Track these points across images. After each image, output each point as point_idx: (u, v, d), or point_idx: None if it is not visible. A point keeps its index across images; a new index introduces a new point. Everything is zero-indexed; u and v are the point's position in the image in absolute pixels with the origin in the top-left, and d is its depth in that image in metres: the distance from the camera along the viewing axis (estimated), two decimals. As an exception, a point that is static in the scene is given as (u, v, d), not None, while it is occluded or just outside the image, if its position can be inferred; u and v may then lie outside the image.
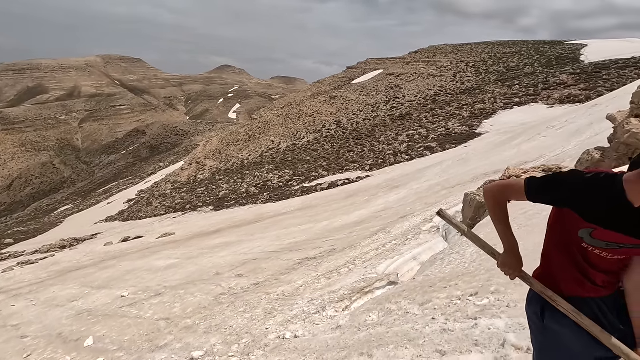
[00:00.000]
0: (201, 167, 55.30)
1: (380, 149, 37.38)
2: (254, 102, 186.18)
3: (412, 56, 75.32)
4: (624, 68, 37.88)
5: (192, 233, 21.57)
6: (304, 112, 64.46)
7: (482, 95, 44.46)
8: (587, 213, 1.24)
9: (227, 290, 8.82)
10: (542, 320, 1.41)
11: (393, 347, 2.59)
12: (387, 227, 11.07)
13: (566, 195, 1.25)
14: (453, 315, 2.94)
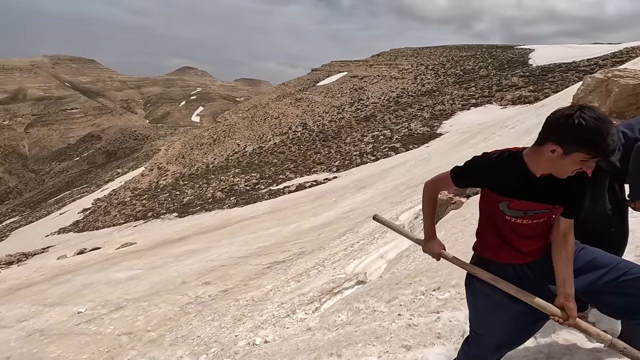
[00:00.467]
0: (163, 173, 53.19)
1: (346, 150, 37.89)
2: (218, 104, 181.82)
3: (375, 59, 77.13)
4: (566, 71, 41.08)
5: (155, 242, 20.69)
6: (269, 115, 63.95)
7: (441, 97, 46.40)
8: (500, 189, 1.43)
9: (194, 299, 8.55)
10: (473, 284, 1.61)
11: (361, 346, 2.64)
12: (355, 227, 11.24)
13: (480, 177, 1.46)
14: (417, 310, 3.06)
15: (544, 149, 1.33)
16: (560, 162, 1.31)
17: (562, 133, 1.27)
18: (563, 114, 1.28)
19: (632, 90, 7.27)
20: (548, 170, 1.37)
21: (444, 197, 9.06)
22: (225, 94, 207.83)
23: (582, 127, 1.23)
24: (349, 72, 74.25)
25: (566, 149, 1.27)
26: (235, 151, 53.39)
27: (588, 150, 1.25)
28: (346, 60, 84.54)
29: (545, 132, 1.33)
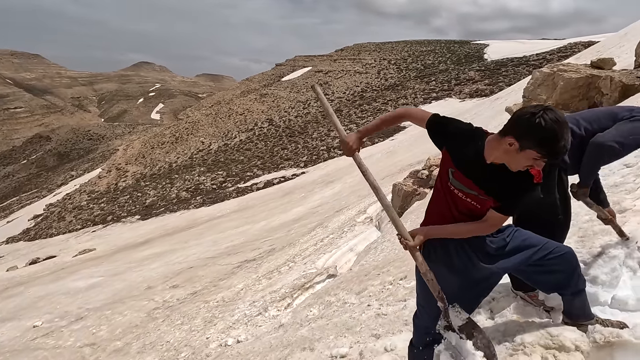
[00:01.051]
0: (123, 174, 50.60)
1: (313, 145, 37.97)
2: (179, 101, 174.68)
3: (339, 54, 77.53)
4: (518, 66, 43.51)
5: (116, 247, 19.72)
6: (234, 111, 62.57)
7: (404, 91, 47.60)
8: (455, 155, 1.52)
9: (161, 304, 8.28)
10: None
11: (333, 338, 2.71)
12: (324, 222, 11.35)
13: (448, 133, 1.53)
14: (386, 300, 3.17)
15: (504, 140, 1.40)
16: (515, 156, 1.38)
17: (522, 129, 1.34)
18: (528, 112, 1.34)
19: (575, 84, 7.86)
20: (501, 160, 1.44)
21: (409, 188, 9.36)
22: (187, 90, 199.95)
23: (540, 127, 1.29)
24: (313, 67, 74.15)
25: (522, 145, 1.35)
26: (200, 149, 51.83)
27: (541, 149, 1.33)
28: (310, 55, 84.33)
29: (508, 126, 1.40)
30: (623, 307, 1.92)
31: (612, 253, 2.13)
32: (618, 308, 1.91)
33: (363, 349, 2.33)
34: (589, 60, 8.63)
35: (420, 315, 1.84)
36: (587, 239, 2.38)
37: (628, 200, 2.70)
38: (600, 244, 2.25)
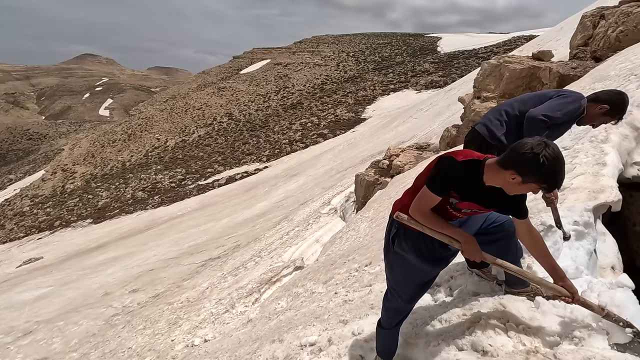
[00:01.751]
0: (70, 175, 47.04)
1: (275, 139, 37.57)
2: (130, 96, 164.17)
3: (298, 46, 76.89)
4: (468, 58, 45.68)
5: (67, 254, 18.39)
6: (191, 105, 60.16)
7: (363, 83, 48.32)
8: (460, 192, 1.62)
9: (120, 310, 7.89)
10: (392, 247, 1.81)
11: (302, 327, 2.73)
12: (289, 215, 11.33)
13: (452, 185, 1.61)
14: (352, 286, 3.25)
15: (506, 173, 1.49)
16: (516, 187, 1.50)
17: (525, 168, 1.44)
18: (530, 150, 1.43)
19: (519, 74, 8.41)
20: (500, 186, 1.56)
21: (371, 178, 9.58)
22: (138, 84, 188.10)
23: (543, 166, 1.40)
24: (272, 60, 72.99)
25: (525, 179, 1.46)
26: (155, 146, 49.40)
27: (543, 184, 1.46)
28: (269, 48, 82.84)
29: (511, 161, 1.48)
30: (564, 276, 2.11)
31: (554, 228, 2.34)
32: (559, 277, 2.10)
33: (331, 336, 2.37)
34: (531, 53, 9.25)
35: (392, 298, 1.91)
36: (533, 216, 2.58)
37: (566, 180, 2.95)
38: (542, 221, 2.45)
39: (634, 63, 4.88)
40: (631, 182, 3.21)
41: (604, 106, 2.19)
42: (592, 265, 2.34)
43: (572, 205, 2.59)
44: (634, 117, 3.49)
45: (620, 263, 2.58)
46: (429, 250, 1.74)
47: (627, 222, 3.25)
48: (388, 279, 1.92)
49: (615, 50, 6.92)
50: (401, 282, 1.84)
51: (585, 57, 7.99)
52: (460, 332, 1.83)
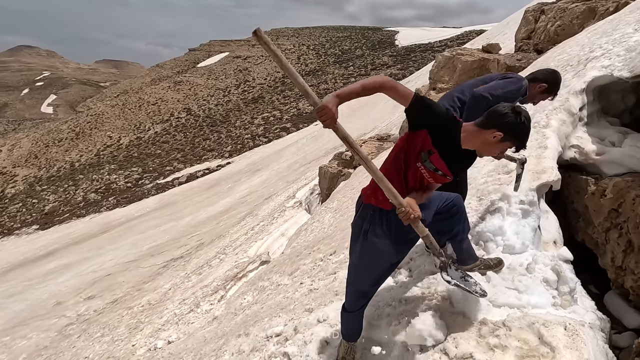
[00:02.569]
0: (10, 179, 43.08)
1: (237, 134, 36.75)
2: (76, 91, 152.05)
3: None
4: (424, 51, 47.18)
5: (10, 264, 16.92)
6: (145, 101, 57.12)
7: (324, 76, 48.42)
8: (437, 140, 1.63)
9: (75, 319, 7.41)
10: (365, 234, 1.82)
11: (267, 320, 2.72)
12: (253, 211, 11.18)
13: (433, 117, 1.61)
14: (317, 276, 3.27)
15: (487, 132, 1.58)
16: (495, 145, 1.60)
17: (508, 125, 1.55)
18: (512, 111, 1.55)
19: (470, 66, 8.84)
20: (475, 148, 1.65)
21: (334, 170, 9.67)
22: (85, 78, 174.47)
23: (522, 125, 1.55)
24: (230, 53, 70.98)
25: (504, 138, 1.57)
26: (107, 145, 46.50)
27: (517, 141, 1.59)
28: (227, 40, 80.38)
29: (493, 121, 1.57)
30: (512, 251, 2.27)
31: (498, 205, 2.49)
32: (508, 252, 2.25)
33: (297, 324, 2.38)
34: (481, 46, 9.74)
35: (358, 282, 1.93)
36: (484, 197, 2.74)
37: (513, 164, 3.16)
38: (492, 200, 2.61)
39: (569, 55, 5.28)
40: (569, 163, 3.50)
41: (543, 84, 2.41)
42: (536, 240, 2.53)
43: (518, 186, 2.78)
44: (570, 104, 3.78)
45: (561, 237, 2.81)
46: (401, 232, 1.79)
47: (566, 201, 3.54)
48: (355, 264, 1.93)
49: (554, 43, 7.45)
50: (370, 267, 1.87)
51: (529, 49, 8.54)
52: (420, 309, 1.91)
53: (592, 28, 6.15)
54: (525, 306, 1.80)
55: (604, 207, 3.03)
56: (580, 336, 1.39)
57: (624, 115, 3.88)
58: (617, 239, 2.89)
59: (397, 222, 1.77)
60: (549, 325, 1.46)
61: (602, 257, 3.07)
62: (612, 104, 3.93)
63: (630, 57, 3.65)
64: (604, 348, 1.55)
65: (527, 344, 1.44)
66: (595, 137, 3.53)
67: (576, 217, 3.42)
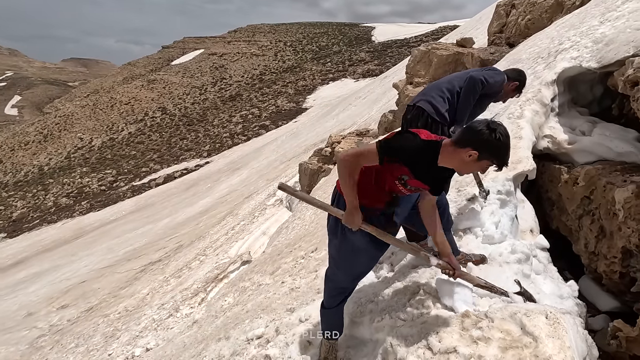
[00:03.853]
0: (-27, 185, 40.72)
1: (215, 133, 36.07)
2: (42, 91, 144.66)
3: (233, 35, 74.03)
4: (401, 47, 47.70)
5: (-25, 275, 15.98)
6: (117, 100, 55.18)
7: (302, 72, 48.16)
8: (413, 169, 1.65)
9: (47, 330, 7.08)
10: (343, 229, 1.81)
11: (248, 322, 2.64)
12: (234, 210, 10.99)
13: (405, 158, 1.62)
14: (299, 274, 3.21)
15: (463, 151, 1.54)
16: (472, 164, 1.56)
17: (483, 144, 1.50)
18: (487, 127, 1.51)
19: (445, 60, 8.95)
20: (453, 167, 1.63)
21: (314, 166, 9.61)
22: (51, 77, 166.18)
23: (499, 143, 1.49)
24: (206, 50, 69.48)
25: (481, 156, 1.52)
26: (78, 147, 44.68)
27: (496, 159, 1.54)
28: (201, 37, 78.64)
29: (468, 139, 1.53)
30: (491, 242, 2.28)
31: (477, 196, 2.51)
32: (488, 242, 2.26)
33: (279, 325, 2.32)
34: (455, 40, 9.87)
35: (337, 278, 1.90)
36: (462, 189, 2.75)
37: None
38: (470, 191, 2.62)
39: (540, 47, 5.41)
40: (543, 153, 3.57)
41: (515, 83, 2.46)
42: (514, 229, 2.56)
43: (495, 177, 2.80)
44: (542, 95, 3.86)
45: (537, 226, 2.86)
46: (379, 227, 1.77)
47: (541, 190, 3.62)
48: (334, 259, 1.90)
49: (525, 36, 7.63)
50: (349, 262, 1.84)
51: (501, 43, 8.73)
52: (402, 304, 1.88)
53: (560, 21, 6.33)
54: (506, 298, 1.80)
55: (576, 194, 3.10)
56: (561, 324, 1.40)
57: (592, 105, 4.00)
58: (590, 225, 2.97)
59: (373, 214, 1.76)
60: (530, 315, 1.46)
61: (576, 244, 3.15)
62: (581, 94, 4.04)
63: (597, 48, 3.76)
64: (583, 334, 1.57)
65: (510, 334, 1.44)
66: (566, 127, 3.62)
67: (550, 205, 3.50)
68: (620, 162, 3.01)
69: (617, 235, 2.64)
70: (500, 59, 7.22)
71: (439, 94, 2.42)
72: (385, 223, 1.81)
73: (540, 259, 2.28)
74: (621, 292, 2.66)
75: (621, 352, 2.03)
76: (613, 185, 2.72)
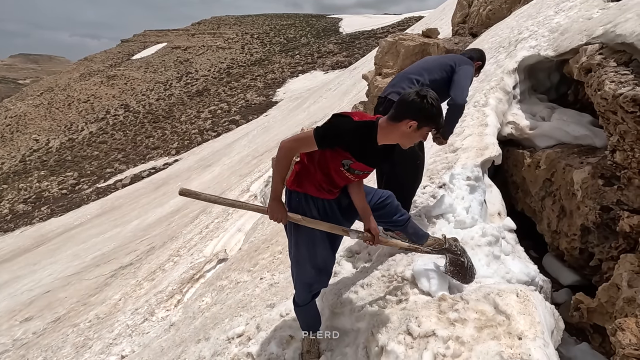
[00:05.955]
0: None
1: (184, 130, 34.94)
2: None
3: (196, 27, 71.53)
4: (368, 38, 47.99)
5: None
6: (75, 98, 52.09)
7: (270, 65, 47.43)
8: (355, 152, 1.65)
9: (11, 345, 6.67)
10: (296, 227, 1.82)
11: (228, 320, 2.60)
12: (207, 208, 10.73)
13: (342, 141, 1.62)
14: (277, 269, 3.20)
15: (401, 124, 1.57)
16: (412, 135, 1.59)
17: (418, 111, 1.54)
18: (417, 95, 1.54)
19: (412, 51, 9.10)
20: (396, 142, 1.65)
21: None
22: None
23: (433, 107, 1.54)
24: (169, 43, 66.78)
25: (420, 124, 1.56)
26: (34, 149, 41.90)
27: (434, 123, 1.59)
28: (163, 30, 75.43)
29: (403, 111, 1.56)
30: (463, 226, 2.36)
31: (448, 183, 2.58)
32: (460, 227, 2.34)
33: (259, 322, 2.30)
34: (421, 31, 10.05)
35: (302, 273, 1.89)
36: (434, 177, 2.82)
37: (458, 141, 3.29)
38: (441, 179, 2.69)
39: (501, 37, 5.61)
40: (507, 139, 3.73)
41: (479, 62, 2.55)
42: (483, 213, 2.66)
43: (464, 163, 2.90)
44: (505, 83, 4.01)
45: (504, 209, 2.99)
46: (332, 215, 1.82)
47: (506, 174, 3.79)
48: (295, 257, 1.89)
49: (487, 26, 7.89)
50: (310, 255, 1.84)
51: (465, 33, 8.97)
52: (382, 292, 1.91)
53: (519, 12, 6.59)
54: (479, 278, 1.88)
55: (539, 177, 3.27)
56: (531, 301, 1.48)
57: (550, 92, 4.22)
58: (552, 206, 3.15)
59: (324, 206, 1.78)
60: (502, 294, 1.53)
61: (539, 224, 3.33)
62: (540, 81, 4.24)
63: (553, 37, 3.95)
64: (550, 309, 1.67)
65: (484, 314, 1.50)
66: (528, 113, 3.79)
67: (515, 188, 3.68)
68: (577, 145, 3.20)
69: (576, 214, 2.82)
70: (464, 49, 7.43)
71: (409, 85, 2.44)
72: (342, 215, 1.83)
73: (508, 240, 2.39)
74: (581, 267, 2.86)
75: (583, 322, 2.18)
76: (571, 167, 2.89)
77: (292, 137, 1.69)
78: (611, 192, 2.43)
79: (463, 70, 2.41)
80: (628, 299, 1.67)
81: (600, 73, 2.50)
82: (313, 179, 1.74)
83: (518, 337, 1.38)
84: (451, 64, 2.46)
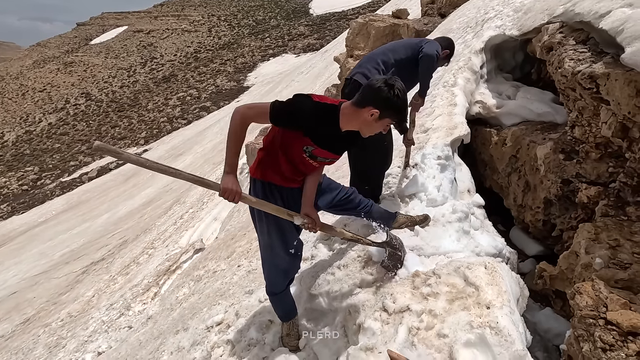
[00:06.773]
0: None
1: (151, 118, 33.58)
2: None
3: (159, 9, 67.91)
4: (339, 20, 47.34)
5: None
6: (29, 87, 48.64)
7: (240, 49, 46.02)
8: (314, 137, 1.58)
9: (-23, 350, 6.34)
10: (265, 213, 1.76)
11: (207, 310, 2.58)
12: (181, 198, 10.48)
13: (298, 123, 1.54)
14: (255, 255, 3.19)
15: (364, 111, 1.51)
16: (374, 124, 1.54)
17: (383, 101, 1.49)
18: (385, 84, 1.49)
19: (383, 32, 9.07)
20: (357, 128, 1.59)
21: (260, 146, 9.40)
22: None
23: (397, 98, 1.49)
24: (130, 27, 63.17)
25: (382, 114, 1.51)
26: (-12, 144, 39.08)
27: (396, 116, 1.55)
28: (123, 12, 71.11)
29: (368, 98, 1.50)
30: (434, 204, 2.42)
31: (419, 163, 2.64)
32: (431, 206, 2.40)
33: (238, 309, 2.30)
34: (391, 12, 10.01)
35: (276, 257, 1.87)
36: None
37: (429, 121, 3.34)
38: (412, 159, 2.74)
39: (468, 17, 5.68)
40: (475, 118, 3.83)
41: (446, 51, 2.57)
42: (454, 191, 2.74)
43: (435, 143, 2.95)
44: (472, 63, 4.09)
45: (473, 186, 3.09)
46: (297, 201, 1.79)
47: (475, 152, 3.91)
48: (266, 243, 1.86)
49: (454, 7, 7.95)
50: (281, 240, 1.82)
51: (434, 13, 9.02)
52: (357, 271, 1.95)
53: (485, -9, 6.67)
54: (450, 253, 1.95)
55: (505, 154, 3.40)
56: (498, 272, 1.55)
57: (515, 71, 4.34)
58: (517, 181, 3.29)
59: (288, 194, 1.77)
60: (471, 267, 1.60)
61: (506, 199, 3.48)
62: (505, 61, 4.35)
63: (517, 17, 4.03)
64: (516, 278, 1.76)
65: (455, 287, 1.57)
66: (494, 92, 3.89)
67: (483, 166, 3.80)
68: (540, 122, 3.33)
69: (540, 188, 2.96)
70: (433, 30, 7.47)
71: (374, 66, 2.44)
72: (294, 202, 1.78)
73: (477, 216, 2.48)
74: (544, 238, 3.02)
75: (546, 289, 2.33)
76: (535, 143, 3.02)
77: (248, 104, 1.58)
78: (571, 165, 2.56)
79: (430, 43, 2.45)
80: (585, 265, 1.79)
81: (560, 51, 2.59)
82: (277, 167, 1.68)
83: (486, 307, 1.45)
84: (417, 42, 2.50)
